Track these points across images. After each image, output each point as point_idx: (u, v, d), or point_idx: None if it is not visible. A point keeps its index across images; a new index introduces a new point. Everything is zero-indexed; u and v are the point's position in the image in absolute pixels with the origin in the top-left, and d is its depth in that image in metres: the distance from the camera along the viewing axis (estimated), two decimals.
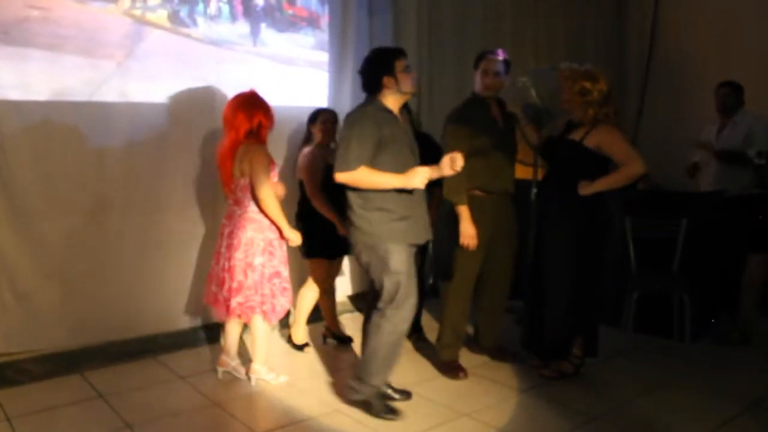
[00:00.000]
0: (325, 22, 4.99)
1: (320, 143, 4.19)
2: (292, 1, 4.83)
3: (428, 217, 3.46)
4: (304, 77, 4.90)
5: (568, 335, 3.81)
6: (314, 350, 4.34)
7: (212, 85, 4.38)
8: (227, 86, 4.34)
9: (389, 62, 3.28)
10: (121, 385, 3.72)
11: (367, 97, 3.37)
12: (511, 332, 4.43)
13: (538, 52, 6.17)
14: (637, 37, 6.89)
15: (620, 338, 4.47)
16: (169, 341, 4.28)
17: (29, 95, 3.76)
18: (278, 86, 4.56)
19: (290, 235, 3.73)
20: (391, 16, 5.19)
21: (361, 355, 3.46)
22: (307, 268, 4.33)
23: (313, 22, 4.97)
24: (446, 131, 3.87)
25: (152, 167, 4.18)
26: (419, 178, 3.18)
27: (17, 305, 3.77)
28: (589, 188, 3.62)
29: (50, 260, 3.86)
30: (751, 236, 4.49)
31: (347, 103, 5.01)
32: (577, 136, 3.68)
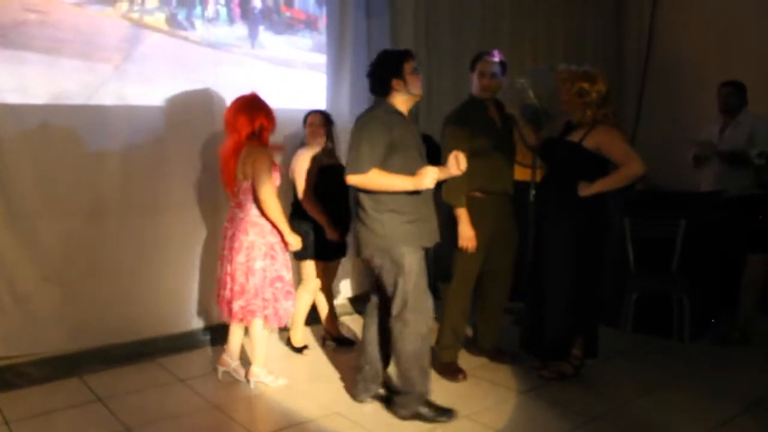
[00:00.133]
0: (322, 24, 5.00)
1: (311, 145, 4.18)
2: (289, 3, 4.84)
3: (437, 218, 3.45)
4: (301, 79, 4.91)
5: (567, 336, 3.81)
6: (313, 352, 4.33)
7: (210, 87, 4.39)
8: (225, 89, 4.36)
9: (397, 64, 3.26)
10: (119, 388, 3.72)
11: (375, 99, 3.36)
12: (510, 333, 4.43)
13: (536, 52, 6.18)
14: (635, 37, 6.88)
15: (619, 338, 4.47)
16: (167, 344, 4.28)
17: (27, 98, 3.76)
18: (276, 88, 4.55)
19: (290, 239, 3.73)
20: (388, 17, 5.20)
21: (395, 370, 3.39)
22: (300, 270, 4.32)
23: (310, 24, 4.98)
24: (445, 133, 3.87)
25: (150, 170, 4.18)
26: (429, 178, 3.17)
27: (16, 308, 3.77)
28: (588, 189, 3.62)
29: (49, 263, 3.86)
30: (750, 236, 4.48)
31: (345, 105, 5.03)
32: (576, 137, 3.68)
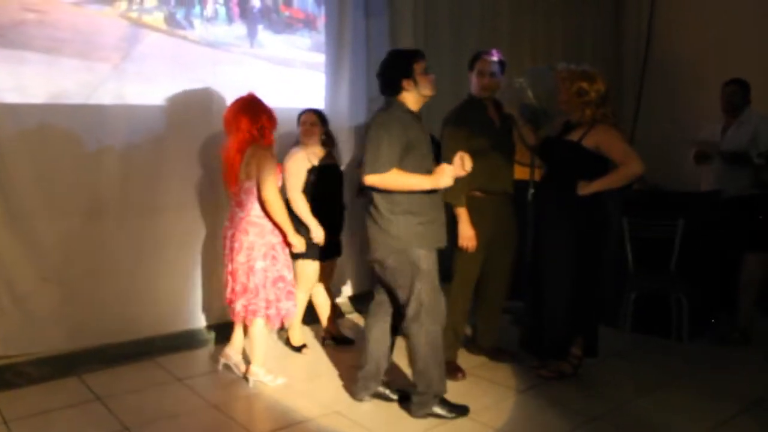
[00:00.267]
0: (321, 23, 4.99)
1: (305, 144, 4.18)
2: (288, 2, 4.84)
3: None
4: (300, 79, 4.91)
5: (567, 335, 3.81)
6: (312, 352, 4.33)
7: (209, 87, 4.38)
8: (224, 88, 4.36)
9: (408, 65, 3.27)
10: (118, 387, 3.72)
11: (387, 99, 3.34)
12: (509, 333, 4.43)
13: (535, 52, 6.17)
14: (634, 37, 6.89)
15: (618, 338, 4.46)
16: (166, 343, 4.27)
17: (26, 98, 3.75)
18: (275, 88, 4.55)
19: (294, 240, 3.74)
20: (387, 17, 5.19)
21: (412, 370, 3.38)
22: (294, 269, 4.30)
23: (309, 23, 4.97)
24: (444, 133, 3.87)
25: (149, 169, 4.17)
26: (446, 177, 3.18)
27: (14, 308, 3.77)
28: (587, 188, 3.62)
29: (47, 263, 3.86)
30: (749, 235, 4.48)
31: (344, 104, 5.02)
32: (575, 136, 3.68)
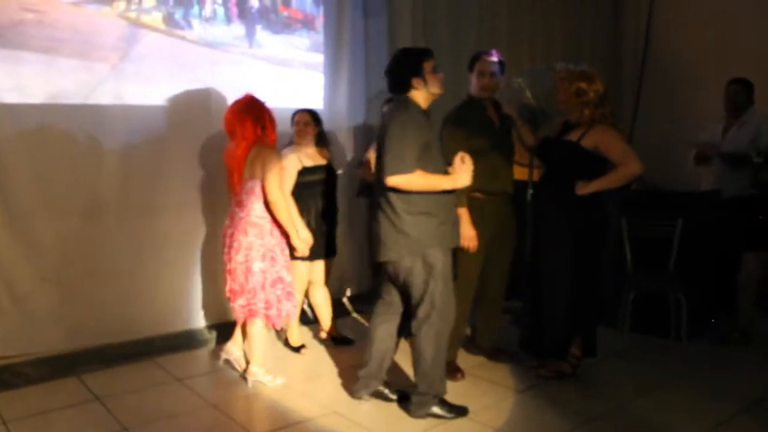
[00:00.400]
0: (320, 23, 5.00)
1: (299, 144, 4.16)
2: (287, 2, 4.84)
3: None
4: (299, 79, 4.91)
5: (566, 335, 3.81)
6: (311, 352, 4.33)
7: (208, 87, 4.38)
8: (223, 88, 4.37)
9: (417, 63, 3.26)
10: (117, 387, 3.71)
11: (397, 97, 3.32)
12: (508, 333, 4.43)
13: (534, 52, 6.18)
14: (632, 37, 6.90)
15: (617, 338, 4.46)
16: (165, 343, 4.27)
17: (24, 98, 3.75)
18: (274, 88, 4.55)
19: (298, 243, 3.74)
20: (386, 17, 5.20)
21: (415, 370, 3.36)
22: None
23: (308, 23, 4.98)
24: (443, 133, 3.86)
25: (148, 169, 4.17)
26: (465, 176, 3.18)
27: (14, 308, 3.77)
28: (586, 188, 3.63)
29: (46, 263, 3.86)
30: (748, 235, 4.48)
31: (343, 104, 5.03)
32: (574, 136, 3.69)
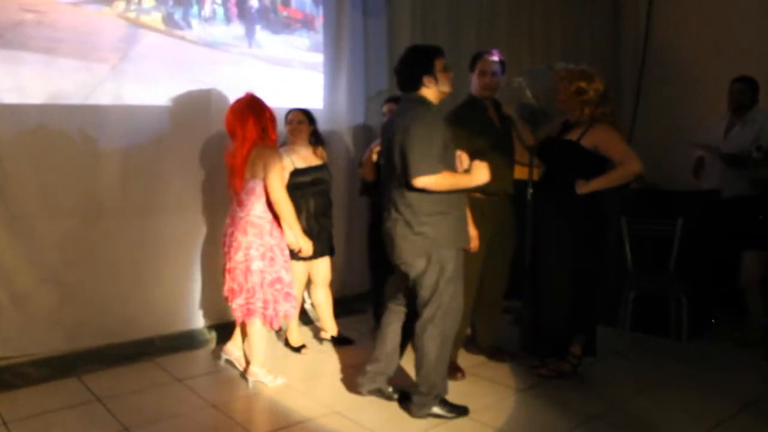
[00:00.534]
0: (319, 23, 5.00)
1: (292, 144, 4.16)
2: (286, 2, 4.84)
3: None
4: (299, 79, 4.91)
5: (566, 334, 3.82)
6: (312, 352, 4.33)
7: (207, 87, 4.38)
8: (222, 88, 4.37)
9: (429, 61, 3.24)
10: (118, 388, 3.71)
11: (410, 95, 3.29)
12: (508, 332, 4.44)
13: (533, 51, 6.19)
14: (632, 37, 6.91)
15: (617, 338, 4.46)
16: (166, 344, 4.27)
17: (24, 98, 3.75)
18: (273, 88, 4.55)
19: (301, 242, 3.73)
20: (385, 17, 5.20)
21: (417, 370, 3.35)
22: None
23: (307, 23, 4.98)
24: None
25: (148, 170, 4.17)
26: (484, 173, 3.18)
27: (14, 309, 3.77)
28: (586, 187, 3.63)
29: (47, 263, 3.86)
30: (747, 234, 4.47)
31: (343, 104, 5.03)
32: (574, 136, 3.69)
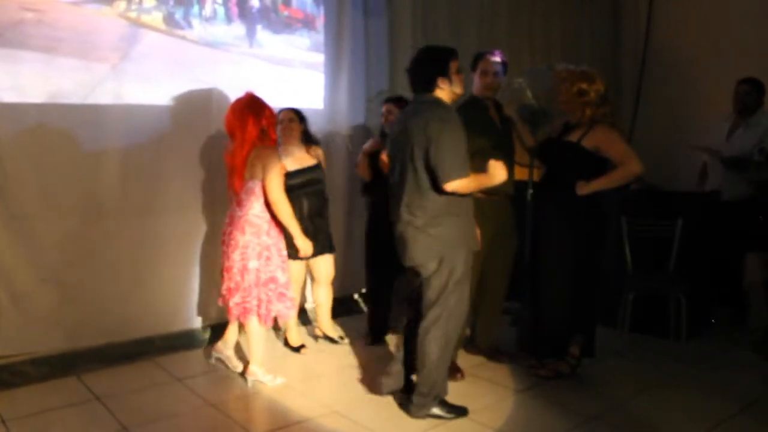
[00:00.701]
0: (320, 23, 4.99)
1: (284, 143, 4.13)
2: (287, 2, 4.84)
3: None
4: (300, 78, 4.91)
5: (565, 335, 3.82)
6: (311, 352, 4.33)
7: (208, 87, 4.38)
8: (223, 88, 4.36)
9: (444, 63, 3.24)
10: (117, 387, 3.71)
11: (424, 97, 3.26)
12: (507, 333, 4.43)
13: (534, 52, 6.18)
14: (632, 37, 6.90)
15: (617, 338, 4.46)
16: (165, 343, 4.27)
17: (24, 98, 3.75)
18: (274, 88, 4.54)
19: (301, 243, 3.73)
20: (386, 17, 5.20)
21: (418, 371, 3.35)
22: None
23: (308, 23, 4.97)
24: None
25: (148, 169, 4.17)
26: (502, 171, 3.19)
27: (13, 308, 3.76)
28: (587, 187, 3.63)
29: (46, 262, 3.85)
30: (748, 236, 4.47)
31: (343, 104, 5.03)
32: (574, 137, 3.69)
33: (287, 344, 4.37)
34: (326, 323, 4.52)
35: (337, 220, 4.59)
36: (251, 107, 3.62)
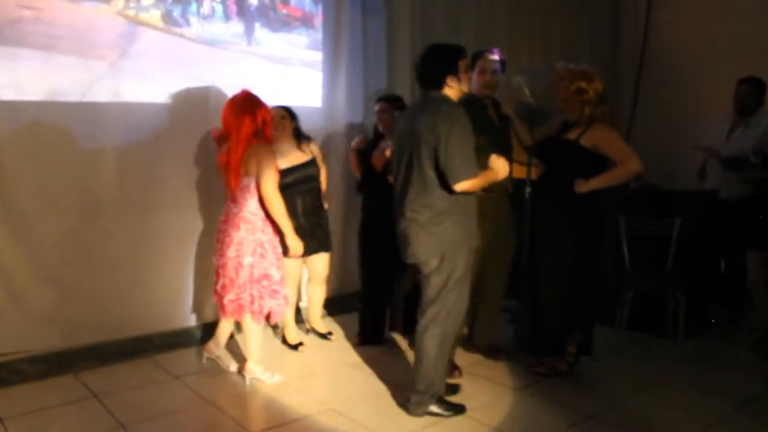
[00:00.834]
0: (318, 21, 4.99)
1: (276, 139, 4.06)
2: (285, 0, 4.83)
3: None
4: (298, 77, 4.90)
5: (563, 333, 3.82)
6: (309, 350, 4.33)
7: (206, 84, 4.38)
8: (221, 86, 4.36)
9: (454, 61, 3.23)
10: (115, 385, 3.71)
11: (431, 95, 3.24)
12: (505, 331, 4.43)
13: (533, 51, 6.18)
14: (631, 36, 6.91)
15: (615, 336, 4.46)
16: (163, 341, 4.28)
17: (22, 95, 3.74)
18: (272, 86, 4.55)
19: (291, 242, 3.73)
20: (384, 15, 5.19)
21: (416, 369, 3.34)
22: None
23: (306, 21, 4.97)
24: None
25: (146, 167, 4.17)
26: (505, 167, 3.21)
27: (11, 306, 3.76)
28: (585, 186, 3.63)
29: (44, 260, 3.85)
30: (748, 235, 4.46)
31: (341, 102, 5.03)
32: (573, 135, 3.70)
33: (285, 342, 4.37)
34: (316, 319, 4.55)
35: (333, 218, 4.58)
36: (247, 105, 3.62)
